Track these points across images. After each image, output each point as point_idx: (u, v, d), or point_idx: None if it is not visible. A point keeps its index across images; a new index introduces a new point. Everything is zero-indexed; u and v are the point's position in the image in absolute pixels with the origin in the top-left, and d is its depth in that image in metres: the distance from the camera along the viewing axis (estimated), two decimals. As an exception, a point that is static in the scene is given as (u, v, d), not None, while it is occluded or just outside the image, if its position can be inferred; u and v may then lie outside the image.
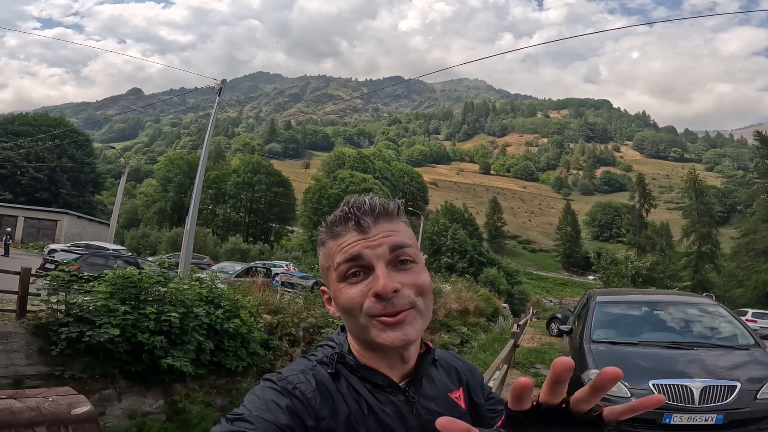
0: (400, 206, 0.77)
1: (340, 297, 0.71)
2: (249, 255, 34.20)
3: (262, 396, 0.66)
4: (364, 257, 0.70)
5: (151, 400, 7.09)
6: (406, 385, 0.74)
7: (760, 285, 29.51)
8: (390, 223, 0.74)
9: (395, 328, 0.68)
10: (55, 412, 3.15)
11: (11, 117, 48.10)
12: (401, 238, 0.72)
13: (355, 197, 0.76)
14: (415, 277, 0.71)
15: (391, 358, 0.74)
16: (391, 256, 0.70)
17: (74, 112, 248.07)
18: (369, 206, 0.73)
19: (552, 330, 15.38)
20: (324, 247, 0.75)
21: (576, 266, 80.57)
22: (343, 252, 0.71)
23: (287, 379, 0.69)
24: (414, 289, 0.70)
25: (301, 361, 0.76)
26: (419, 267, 0.73)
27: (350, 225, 0.72)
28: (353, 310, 0.70)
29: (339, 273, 0.71)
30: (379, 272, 0.68)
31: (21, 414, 3.06)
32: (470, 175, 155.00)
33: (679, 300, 5.88)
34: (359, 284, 0.70)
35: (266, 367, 8.12)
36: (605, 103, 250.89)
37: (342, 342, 0.77)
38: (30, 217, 33.74)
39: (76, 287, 6.72)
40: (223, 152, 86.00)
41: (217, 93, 13.07)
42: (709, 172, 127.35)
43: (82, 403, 3.36)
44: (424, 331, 0.74)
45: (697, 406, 3.86)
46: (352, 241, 0.71)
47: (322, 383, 0.70)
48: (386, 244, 0.70)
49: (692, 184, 46.18)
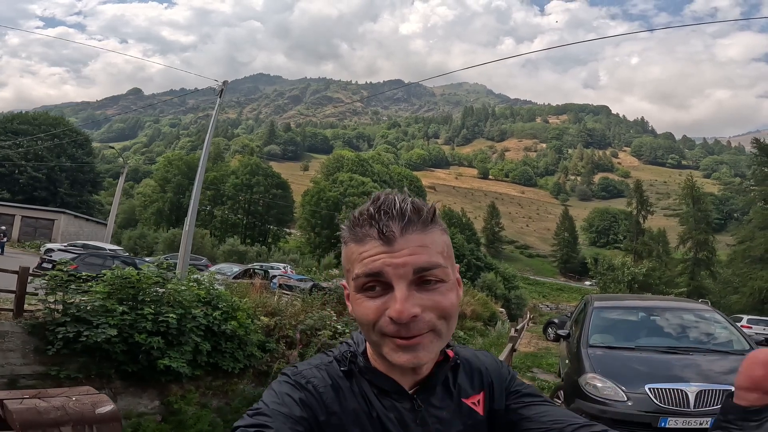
0: (435, 212, 0.68)
1: (356, 307, 0.68)
2: (246, 257, 34.13)
3: (278, 390, 0.67)
4: (385, 275, 0.63)
5: (146, 400, 7.07)
6: (415, 392, 0.71)
7: (756, 292, 29.61)
8: (421, 233, 0.65)
9: (407, 350, 0.63)
10: (80, 412, 3.16)
11: (11, 115, 47.98)
12: (429, 257, 0.64)
13: (385, 195, 0.67)
14: (439, 300, 0.65)
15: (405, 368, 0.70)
16: (414, 276, 0.63)
17: (74, 112, 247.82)
18: (398, 211, 0.65)
19: (549, 335, 15.41)
20: (346, 248, 0.69)
21: (573, 272, 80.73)
22: (364, 264, 0.65)
23: (302, 374, 0.70)
24: (436, 313, 0.64)
25: (320, 356, 0.76)
26: (446, 287, 0.66)
27: (374, 232, 0.64)
28: (367, 325, 0.66)
29: (357, 284, 0.66)
30: (398, 295, 0.62)
31: (47, 414, 3.07)
32: (469, 179, 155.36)
33: (676, 306, 5.92)
34: (376, 299, 0.64)
35: (263, 369, 8.10)
36: (604, 108, 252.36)
37: (359, 342, 0.76)
38: (27, 216, 33.60)
39: (74, 287, 6.70)
40: (222, 153, 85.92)
41: (218, 94, 13.09)
42: (707, 179, 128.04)
43: (105, 403, 3.38)
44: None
45: (692, 410, 3.89)
46: (374, 253, 0.64)
47: (334, 379, 0.70)
48: (411, 264, 0.63)
49: (689, 191, 46.38)
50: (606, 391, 4.20)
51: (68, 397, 3.33)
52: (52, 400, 3.20)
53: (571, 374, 4.89)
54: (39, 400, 3.19)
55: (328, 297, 10.10)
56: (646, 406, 4.00)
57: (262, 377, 7.98)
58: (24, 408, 3.05)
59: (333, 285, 11.59)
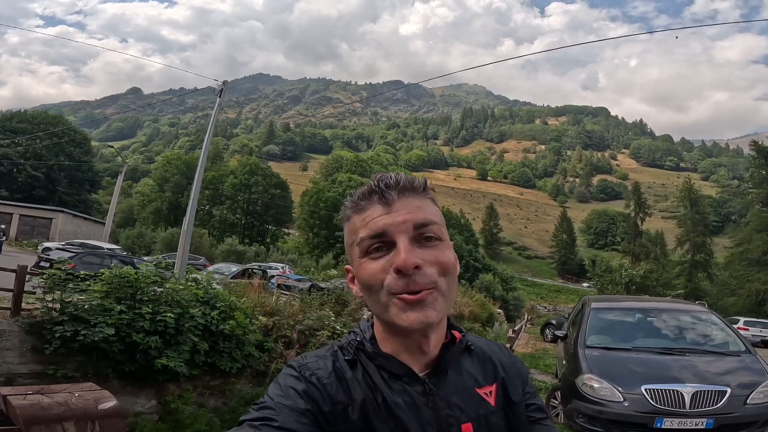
0: (426, 182, 0.76)
1: (361, 272, 0.70)
2: (245, 256, 34.09)
3: (283, 383, 0.69)
4: (388, 233, 0.68)
5: (143, 399, 7.05)
6: (426, 376, 0.72)
7: (753, 294, 29.72)
8: (416, 198, 0.72)
9: (415, 308, 0.65)
10: (83, 407, 3.16)
11: (10, 114, 47.85)
12: (426, 214, 0.70)
13: (381, 173, 0.75)
14: (439, 254, 0.69)
15: (411, 344, 0.72)
16: (415, 232, 0.68)
17: (73, 111, 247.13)
18: (394, 180, 0.72)
19: (546, 336, 15.44)
20: (349, 222, 0.74)
21: (571, 273, 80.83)
22: (367, 227, 0.70)
23: (306, 366, 0.71)
24: (437, 268, 0.68)
25: (325, 346, 0.78)
26: (444, 245, 0.71)
27: (375, 198, 0.71)
28: (374, 286, 0.68)
29: (362, 248, 0.70)
30: (401, 247, 0.66)
31: (50, 409, 3.07)
32: (468, 180, 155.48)
33: (673, 307, 5.95)
34: (381, 259, 0.68)
35: (260, 368, 8.09)
36: (603, 110, 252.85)
37: (366, 329, 0.77)
38: (25, 215, 33.51)
39: (71, 286, 6.68)
40: (221, 153, 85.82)
41: (218, 94, 13.08)
42: (705, 182, 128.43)
43: (108, 399, 3.38)
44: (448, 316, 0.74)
45: (688, 411, 3.91)
46: (376, 215, 0.70)
47: (339, 369, 0.71)
48: (410, 220, 0.68)
49: (687, 194, 46.54)
50: (603, 392, 4.22)
51: (71, 393, 3.33)
52: (55, 396, 3.20)
53: (568, 375, 4.91)
54: (42, 396, 3.18)
55: (326, 297, 10.10)
56: (642, 406, 4.02)
57: (260, 377, 7.97)
58: (27, 404, 3.04)
59: (331, 285, 11.58)
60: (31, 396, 3.17)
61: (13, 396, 3.15)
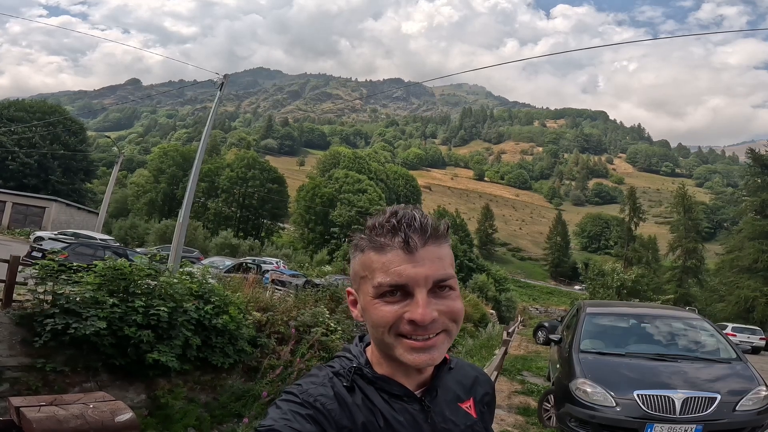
0: (449, 228, 0.76)
1: (372, 312, 0.71)
2: (239, 250, 33.96)
3: (286, 408, 0.69)
4: (408, 285, 0.69)
5: (132, 394, 6.99)
6: (421, 394, 0.76)
7: (742, 301, 30.07)
8: (437, 246, 0.72)
9: (423, 351, 0.69)
10: (99, 420, 3.09)
11: (7, 103, 47.23)
12: (446, 268, 0.72)
13: (403, 210, 0.73)
14: (452, 305, 0.71)
15: (409, 369, 0.75)
16: (433, 285, 0.70)
17: (71, 100, 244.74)
18: (420, 225, 0.71)
19: (539, 338, 15.52)
20: (363, 255, 0.73)
21: (564, 276, 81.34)
22: (388, 274, 0.69)
23: (308, 392, 0.72)
24: (448, 316, 0.71)
25: (318, 372, 0.78)
26: (456, 294, 0.73)
27: (396, 241, 0.70)
28: (383, 327, 0.70)
29: (377, 290, 0.70)
30: (420, 301, 0.68)
31: (67, 422, 2.99)
32: (464, 180, 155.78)
33: (666, 314, 6.00)
34: (396, 305, 0.69)
35: (252, 364, 8.05)
36: (602, 114, 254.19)
37: (359, 354, 0.79)
38: (18, 203, 33.14)
39: (64, 277, 6.59)
40: (219, 146, 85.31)
41: (219, 88, 12.97)
42: (699, 188, 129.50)
43: (124, 410, 3.31)
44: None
45: (678, 417, 3.95)
46: (397, 263, 0.69)
47: (339, 394, 0.72)
48: (432, 276, 0.69)
49: (681, 200, 46.94)
50: (595, 396, 4.25)
51: (85, 404, 3.25)
52: (70, 408, 3.13)
53: (561, 379, 4.93)
54: (57, 407, 3.10)
55: (320, 294, 10.07)
56: (633, 411, 4.05)
57: (252, 373, 7.93)
58: (43, 416, 2.96)
59: (326, 281, 11.56)
60: (45, 408, 3.09)
61: (27, 408, 3.07)
